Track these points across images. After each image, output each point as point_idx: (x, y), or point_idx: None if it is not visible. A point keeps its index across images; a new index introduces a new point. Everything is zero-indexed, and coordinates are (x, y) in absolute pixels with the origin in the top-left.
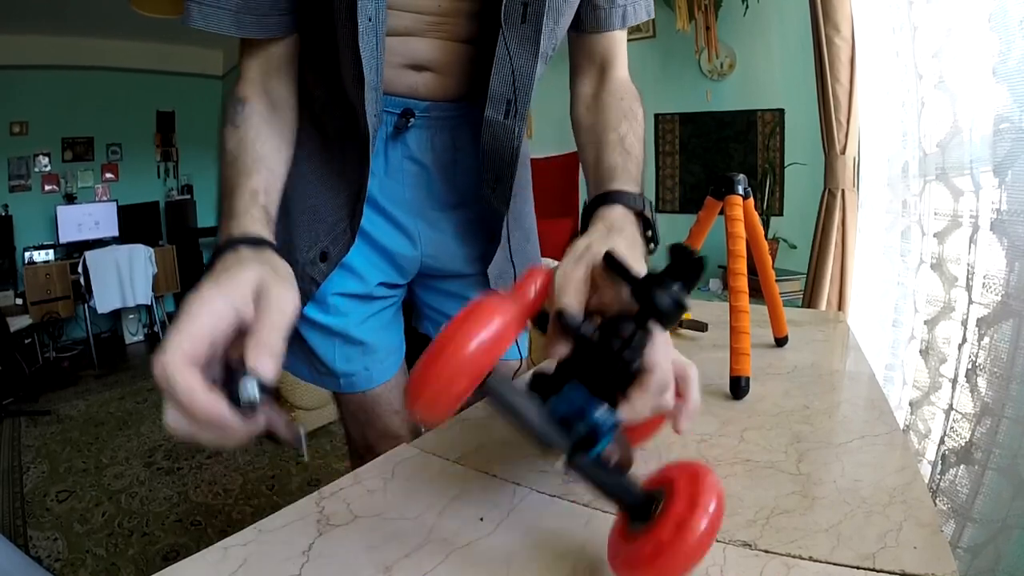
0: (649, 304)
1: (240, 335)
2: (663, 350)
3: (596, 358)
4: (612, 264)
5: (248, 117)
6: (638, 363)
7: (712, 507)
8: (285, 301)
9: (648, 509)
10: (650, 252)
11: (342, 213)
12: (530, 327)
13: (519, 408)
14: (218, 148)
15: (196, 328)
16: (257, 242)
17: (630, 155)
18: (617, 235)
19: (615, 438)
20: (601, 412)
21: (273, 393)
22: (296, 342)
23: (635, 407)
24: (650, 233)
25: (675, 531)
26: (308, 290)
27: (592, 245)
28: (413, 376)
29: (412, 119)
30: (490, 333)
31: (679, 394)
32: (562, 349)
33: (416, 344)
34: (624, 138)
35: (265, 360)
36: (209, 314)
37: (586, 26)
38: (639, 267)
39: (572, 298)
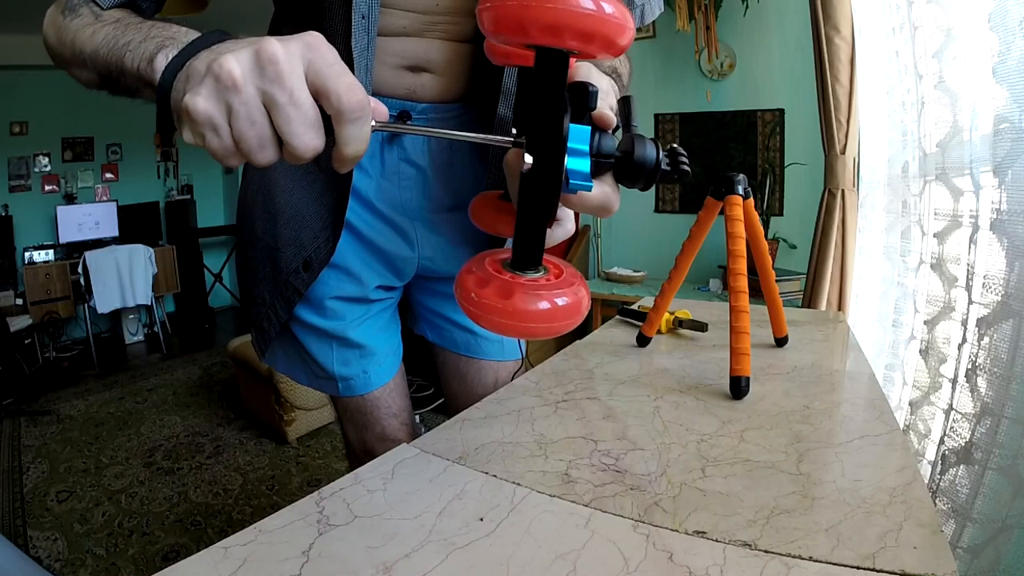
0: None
1: None
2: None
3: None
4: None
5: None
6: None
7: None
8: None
9: (535, 263)
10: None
11: (327, 220)
12: None
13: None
14: (75, 35)
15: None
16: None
17: (619, 76)
18: None
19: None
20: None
21: None
22: (293, 346)
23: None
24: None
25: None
26: (291, 299)
27: None
28: None
29: (409, 121)
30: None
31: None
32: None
33: (412, 346)
34: (615, 69)
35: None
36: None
37: None
38: None
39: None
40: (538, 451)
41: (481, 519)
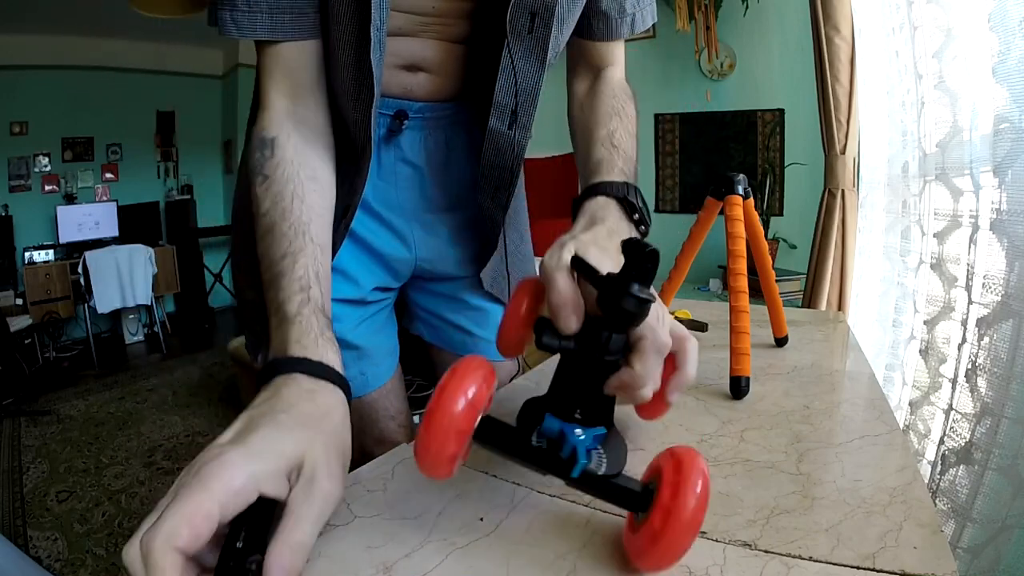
0: (614, 309)
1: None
2: (655, 315)
3: (583, 365)
4: (579, 268)
5: (280, 163)
6: (621, 360)
7: (697, 490)
8: (330, 491)
9: (646, 501)
10: (642, 234)
11: None
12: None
13: (508, 450)
14: (253, 205)
15: (201, 510)
16: (319, 370)
17: (617, 149)
18: (599, 225)
19: (601, 447)
20: (576, 434)
21: None
22: None
23: (636, 372)
24: (637, 216)
25: (664, 519)
26: None
27: (566, 244)
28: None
29: (406, 120)
30: (467, 395)
31: (674, 365)
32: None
33: (408, 346)
34: (613, 134)
35: (287, 564)
36: (224, 491)
37: (595, 34)
38: (613, 259)
39: (569, 313)
40: None
41: (481, 519)
